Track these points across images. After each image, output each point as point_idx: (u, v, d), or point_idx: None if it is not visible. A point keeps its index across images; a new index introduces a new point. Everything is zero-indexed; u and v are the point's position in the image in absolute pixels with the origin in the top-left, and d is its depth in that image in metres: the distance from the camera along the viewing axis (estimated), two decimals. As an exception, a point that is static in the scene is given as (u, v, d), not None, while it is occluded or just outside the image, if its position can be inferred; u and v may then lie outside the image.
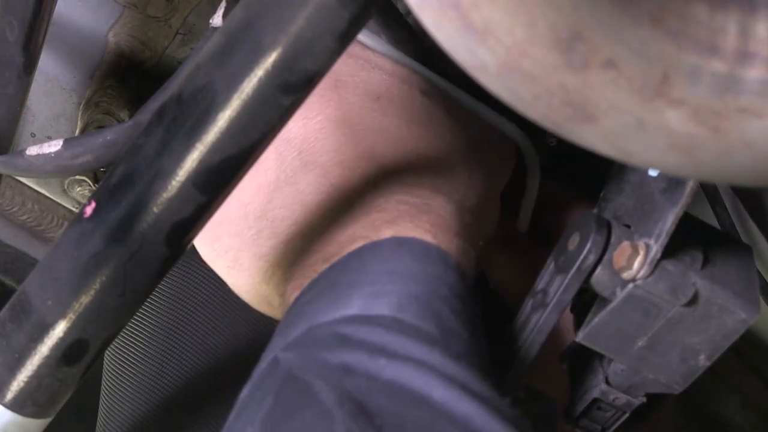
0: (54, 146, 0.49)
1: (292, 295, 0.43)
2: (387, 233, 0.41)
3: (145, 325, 0.71)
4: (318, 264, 0.42)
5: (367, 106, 0.46)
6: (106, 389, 0.73)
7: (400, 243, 0.41)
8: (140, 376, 0.71)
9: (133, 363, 0.71)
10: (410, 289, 0.38)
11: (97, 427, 0.74)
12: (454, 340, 0.37)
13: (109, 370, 0.73)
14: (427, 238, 0.41)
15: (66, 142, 0.49)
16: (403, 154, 0.45)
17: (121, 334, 0.70)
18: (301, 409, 0.34)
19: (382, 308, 0.37)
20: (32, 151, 0.50)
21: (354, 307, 0.37)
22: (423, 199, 0.44)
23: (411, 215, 0.42)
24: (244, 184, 0.38)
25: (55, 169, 0.50)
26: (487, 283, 0.57)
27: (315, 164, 0.45)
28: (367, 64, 0.48)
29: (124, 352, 0.71)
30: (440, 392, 0.34)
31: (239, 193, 0.38)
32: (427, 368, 0.34)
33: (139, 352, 0.71)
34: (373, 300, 0.37)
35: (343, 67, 0.47)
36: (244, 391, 0.37)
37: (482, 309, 0.42)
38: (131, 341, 0.71)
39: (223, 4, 0.50)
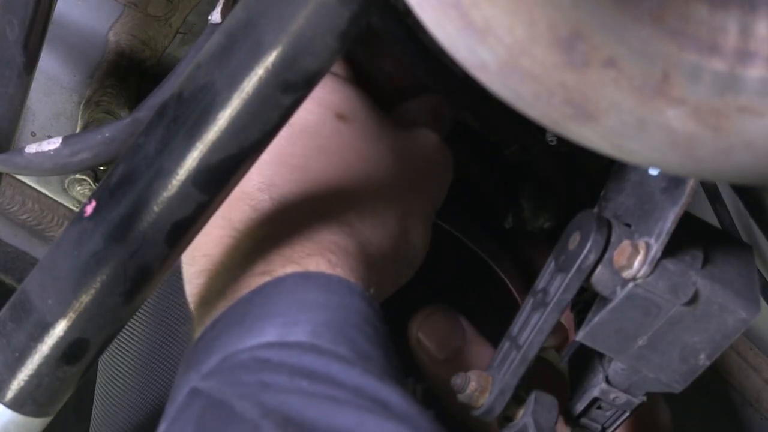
0: (53, 144, 0.49)
1: (197, 332, 0.42)
2: (289, 269, 0.41)
3: (136, 331, 0.71)
4: (222, 302, 0.42)
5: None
6: (100, 396, 0.73)
7: (302, 277, 0.41)
8: (131, 383, 0.71)
9: (124, 370, 0.71)
10: (321, 318, 0.38)
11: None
12: (371, 363, 0.37)
13: (102, 377, 0.72)
14: (328, 270, 0.41)
15: (65, 139, 0.49)
16: (307, 188, 0.45)
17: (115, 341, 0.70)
18: (225, 429, 0.33)
19: (299, 335, 0.37)
20: (31, 148, 0.50)
21: (270, 334, 0.37)
22: (326, 236, 0.43)
23: (312, 253, 0.42)
24: None
25: (54, 167, 0.50)
26: None
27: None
28: None
29: (117, 360, 0.71)
30: (362, 413, 0.33)
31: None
32: (347, 389, 0.34)
33: (131, 358, 0.71)
34: (288, 328, 0.37)
35: None
36: (161, 428, 0.36)
37: None
38: (123, 348, 0.71)
39: (221, 1, 0.50)
